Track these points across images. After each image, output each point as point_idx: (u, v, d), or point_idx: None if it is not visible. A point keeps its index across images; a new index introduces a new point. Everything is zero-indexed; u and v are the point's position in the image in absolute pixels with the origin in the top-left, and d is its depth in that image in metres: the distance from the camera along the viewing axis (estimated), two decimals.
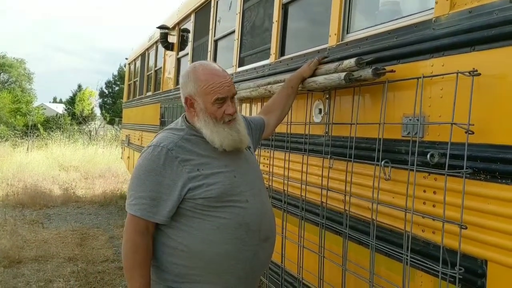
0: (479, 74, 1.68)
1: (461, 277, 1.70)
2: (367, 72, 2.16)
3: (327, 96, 2.63)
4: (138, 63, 9.79)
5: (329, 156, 2.55)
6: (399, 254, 2.01)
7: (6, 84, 42.96)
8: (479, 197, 1.68)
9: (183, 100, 1.92)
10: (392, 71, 2.11)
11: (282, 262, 3.06)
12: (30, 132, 21.93)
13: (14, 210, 8.11)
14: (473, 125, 1.68)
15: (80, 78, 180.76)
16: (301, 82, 2.61)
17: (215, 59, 4.80)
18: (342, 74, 2.27)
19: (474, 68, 1.69)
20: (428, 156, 1.86)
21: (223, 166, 1.86)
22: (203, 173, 1.80)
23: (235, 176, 1.87)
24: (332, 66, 2.42)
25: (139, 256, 1.78)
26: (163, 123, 6.64)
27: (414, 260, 1.93)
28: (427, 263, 1.86)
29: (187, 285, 1.83)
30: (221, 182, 1.82)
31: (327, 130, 2.62)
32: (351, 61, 2.25)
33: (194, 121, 1.90)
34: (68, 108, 32.95)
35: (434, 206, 1.87)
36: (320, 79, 2.47)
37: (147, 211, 1.77)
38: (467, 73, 1.70)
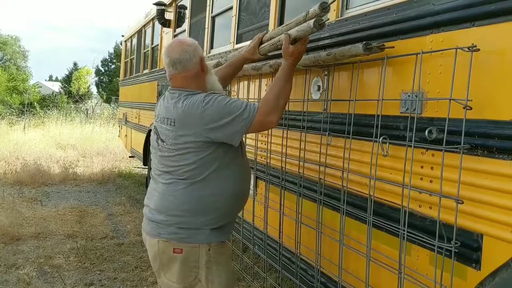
0: (478, 50, 1.68)
1: (457, 251, 1.73)
2: (358, 48, 2.17)
3: (326, 72, 2.62)
4: (135, 40, 9.69)
5: (327, 133, 2.56)
6: (396, 229, 2.04)
7: (0, 62, 42.57)
8: (476, 172, 1.70)
9: (196, 66, 2.23)
10: (391, 47, 2.10)
11: (280, 238, 3.09)
12: (26, 111, 21.83)
13: (13, 188, 8.13)
14: (471, 100, 1.68)
15: (75, 56, 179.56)
16: (246, 63, 2.93)
17: (212, 36, 4.76)
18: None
19: (473, 44, 1.69)
20: (426, 132, 1.87)
21: None
22: None
23: None
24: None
25: (280, 83, 2.27)
26: None
27: (411, 235, 1.95)
28: (423, 238, 1.89)
29: (221, 223, 2.22)
30: None
31: (325, 107, 2.62)
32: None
33: (200, 84, 2.25)
34: (65, 87, 32.74)
35: (431, 181, 1.89)
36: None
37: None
38: (466, 49, 1.70)
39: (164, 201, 2.21)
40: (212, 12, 4.75)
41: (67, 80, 33.56)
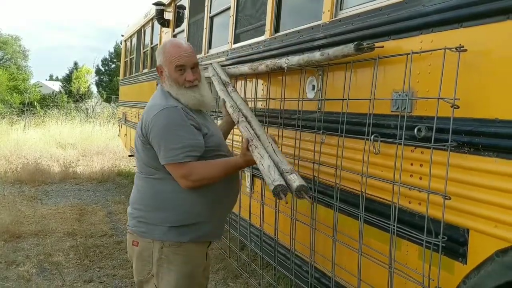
0: (466, 50, 1.73)
1: (444, 245, 1.78)
2: (350, 48, 2.21)
3: (320, 72, 2.67)
4: (134, 40, 9.74)
5: (321, 132, 2.60)
6: (386, 225, 2.08)
7: (1, 62, 42.60)
8: (463, 169, 1.75)
9: (159, 65, 2.27)
10: (381, 46, 2.15)
11: (275, 235, 3.14)
12: (27, 110, 21.85)
13: (13, 186, 8.17)
14: (459, 99, 1.73)
15: (76, 55, 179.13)
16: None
17: (210, 36, 4.81)
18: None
19: (460, 44, 1.73)
20: (416, 130, 1.92)
21: (209, 126, 2.27)
22: (205, 125, 2.22)
23: (219, 137, 2.36)
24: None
25: (216, 168, 2.17)
26: None
27: (401, 230, 2.00)
28: (412, 233, 1.94)
29: (184, 222, 2.16)
30: (216, 135, 2.30)
31: (319, 106, 2.67)
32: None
33: (165, 87, 2.27)
34: (65, 86, 32.75)
35: (420, 178, 1.94)
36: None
37: (191, 155, 2.10)
38: (454, 49, 1.75)
39: (133, 194, 2.33)
40: (210, 12, 4.80)
41: (68, 79, 33.56)
